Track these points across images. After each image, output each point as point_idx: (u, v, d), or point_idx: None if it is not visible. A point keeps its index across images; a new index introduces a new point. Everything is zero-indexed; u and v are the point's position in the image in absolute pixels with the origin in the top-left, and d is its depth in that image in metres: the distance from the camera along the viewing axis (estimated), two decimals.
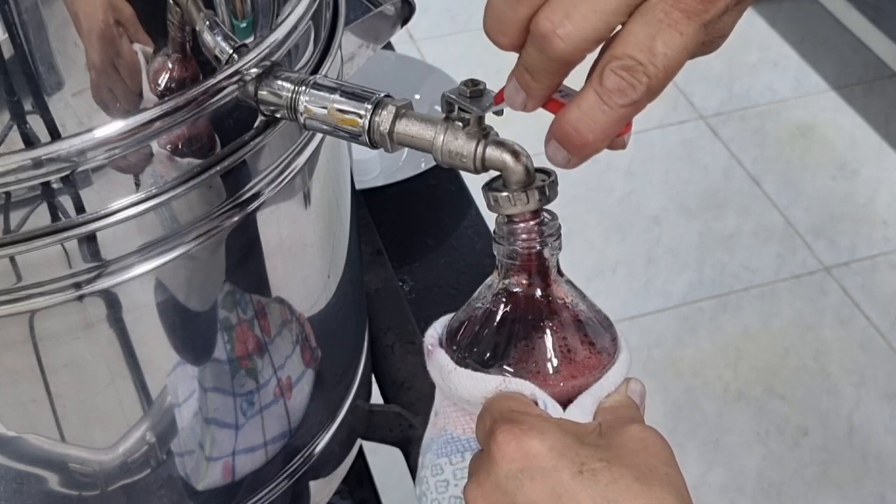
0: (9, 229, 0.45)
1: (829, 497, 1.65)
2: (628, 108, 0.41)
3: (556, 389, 0.47)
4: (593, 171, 2.14)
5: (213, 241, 0.51)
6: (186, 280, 0.52)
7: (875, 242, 2.04)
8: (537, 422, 0.44)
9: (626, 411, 0.47)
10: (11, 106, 0.44)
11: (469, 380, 0.48)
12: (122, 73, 0.46)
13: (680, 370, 1.82)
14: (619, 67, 0.40)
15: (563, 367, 0.48)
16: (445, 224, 0.98)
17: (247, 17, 0.51)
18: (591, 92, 0.41)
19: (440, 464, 0.51)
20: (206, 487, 0.60)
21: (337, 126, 0.48)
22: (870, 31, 2.44)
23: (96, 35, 0.45)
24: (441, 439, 0.51)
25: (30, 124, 0.44)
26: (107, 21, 0.45)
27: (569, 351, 0.48)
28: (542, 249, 0.47)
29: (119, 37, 0.45)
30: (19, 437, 0.52)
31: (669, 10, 0.40)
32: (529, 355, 0.48)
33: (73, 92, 0.45)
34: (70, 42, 0.45)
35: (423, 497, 0.52)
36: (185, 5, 0.47)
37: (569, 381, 0.48)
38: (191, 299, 0.53)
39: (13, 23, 0.43)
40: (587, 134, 0.42)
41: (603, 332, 0.49)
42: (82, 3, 0.44)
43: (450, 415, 0.51)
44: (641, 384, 0.49)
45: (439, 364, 0.49)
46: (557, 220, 0.47)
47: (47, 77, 0.44)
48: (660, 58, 0.40)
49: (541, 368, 0.48)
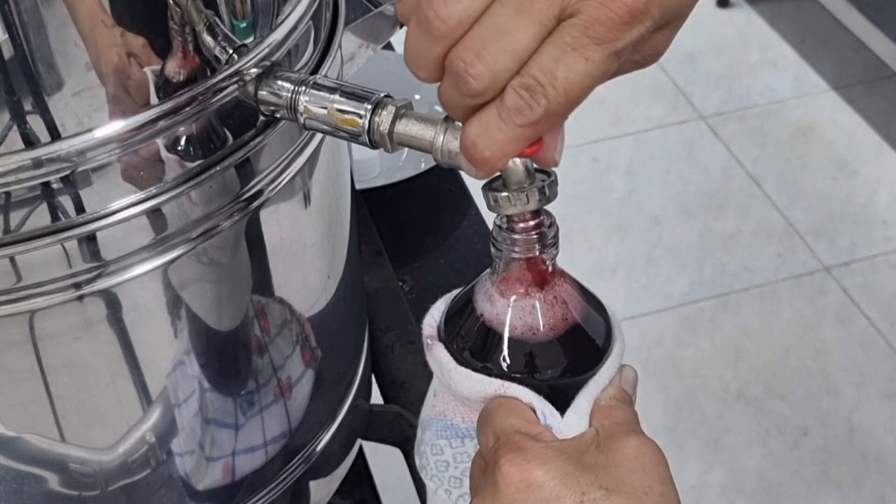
0: (9, 229, 0.45)
1: (829, 497, 1.65)
2: (526, 129, 0.41)
3: (552, 387, 0.48)
4: (593, 171, 2.14)
5: (213, 242, 0.52)
6: (186, 280, 0.52)
7: (875, 242, 2.04)
8: (541, 450, 0.45)
9: (622, 413, 0.48)
10: (11, 106, 0.44)
11: (468, 380, 0.48)
12: (123, 74, 0.46)
13: (680, 370, 1.82)
14: (521, 86, 0.40)
15: (559, 365, 0.48)
16: (445, 224, 0.98)
17: (247, 17, 0.51)
18: (492, 108, 0.41)
19: (440, 445, 0.52)
20: (206, 487, 0.60)
21: (337, 126, 0.48)
22: (870, 31, 2.44)
23: (97, 35, 0.45)
24: (440, 423, 0.52)
25: (30, 124, 0.44)
26: (107, 21, 0.45)
27: (565, 349, 0.48)
28: (541, 255, 0.47)
29: (119, 37, 0.46)
30: (19, 437, 0.52)
31: (578, 35, 0.40)
32: (526, 354, 0.48)
33: (73, 92, 0.45)
34: (70, 42, 0.45)
35: (423, 469, 0.53)
36: (185, 5, 0.47)
37: (565, 378, 0.48)
38: (191, 299, 0.53)
39: (13, 23, 0.43)
40: (484, 150, 0.42)
41: (599, 326, 0.49)
42: (82, 3, 0.44)
43: (449, 402, 0.51)
44: (634, 371, 0.50)
45: (439, 361, 0.50)
46: (556, 225, 0.47)
47: (47, 77, 0.44)
48: (560, 81, 0.40)
49: (538, 367, 0.48)
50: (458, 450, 0.51)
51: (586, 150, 2.20)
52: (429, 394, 0.53)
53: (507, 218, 0.46)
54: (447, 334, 0.50)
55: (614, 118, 2.29)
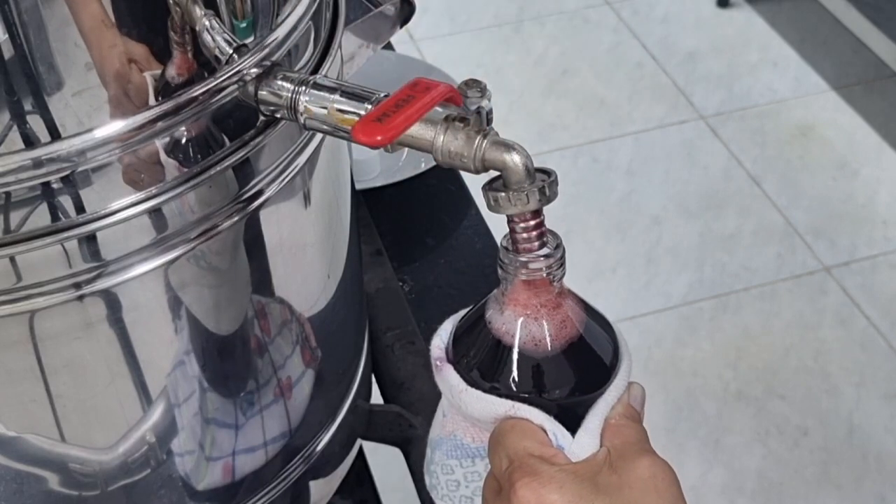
0: (9, 229, 0.45)
1: (829, 497, 1.65)
2: None
3: (562, 406, 0.48)
4: (593, 171, 2.14)
5: (213, 242, 0.51)
6: (186, 280, 0.52)
7: (875, 242, 2.04)
8: (556, 473, 0.45)
9: (632, 431, 0.48)
10: (11, 106, 0.44)
11: (479, 401, 0.49)
12: (123, 74, 0.46)
13: (680, 370, 1.82)
14: None
15: (568, 385, 0.49)
16: (445, 224, 0.98)
17: (247, 17, 0.51)
18: None
19: (450, 464, 0.52)
20: (206, 487, 0.60)
21: (337, 126, 0.48)
22: (870, 31, 2.44)
23: (97, 36, 0.45)
24: (450, 442, 0.52)
25: (30, 124, 0.44)
26: (107, 21, 0.45)
27: (574, 368, 0.49)
28: (548, 276, 0.47)
29: (120, 37, 0.46)
30: (19, 437, 0.52)
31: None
32: (536, 374, 0.48)
33: (73, 92, 0.45)
34: (70, 42, 0.45)
35: (434, 489, 0.53)
36: (185, 5, 0.47)
37: (575, 397, 0.49)
38: (191, 299, 0.53)
39: (13, 23, 0.43)
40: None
41: (606, 345, 0.50)
42: (83, 4, 0.44)
43: (459, 422, 0.52)
44: (642, 388, 0.50)
45: (449, 382, 0.50)
46: (563, 247, 0.48)
47: (47, 77, 0.44)
48: None
49: (547, 386, 0.48)
50: (469, 469, 0.52)
51: (586, 150, 2.20)
52: (437, 414, 0.53)
53: (508, 218, 0.46)
54: (456, 355, 0.50)
55: (614, 118, 2.29)
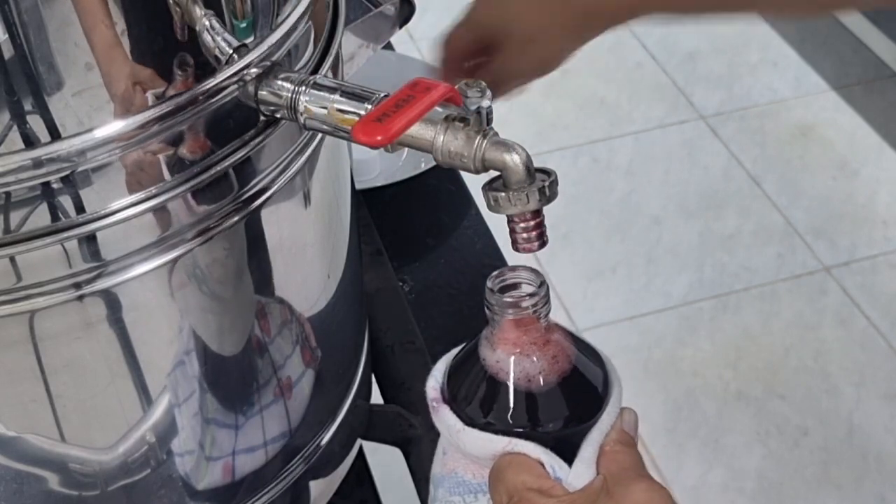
0: (9, 229, 0.45)
1: (829, 497, 1.65)
2: None
3: (557, 438, 0.49)
4: (593, 171, 2.14)
5: (213, 242, 0.51)
6: (186, 280, 0.52)
7: (875, 242, 2.04)
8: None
9: (627, 457, 0.49)
10: (11, 106, 0.44)
11: (477, 440, 0.50)
12: (123, 74, 0.46)
13: (680, 370, 1.82)
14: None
15: (562, 417, 0.50)
16: (445, 224, 0.98)
17: (247, 17, 0.51)
18: None
19: (453, 501, 0.53)
20: (206, 487, 0.60)
21: (337, 126, 0.48)
22: (870, 31, 2.44)
23: (98, 36, 0.45)
24: (452, 479, 0.53)
25: (30, 124, 0.44)
26: (107, 21, 0.45)
27: (567, 400, 0.50)
28: (534, 314, 0.48)
29: (120, 38, 0.46)
30: (19, 437, 0.52)
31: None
32: (530, 409, 0.50)
33: (73, 92, 0.45)
34: (70, 42, 0.45)
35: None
36: (185, 5, 0.47)
37: (569, 428, 0.50)
38: (191, 299, 0.53)
39: (13, 23, 0.43)
40: None
41: (597, 374, 0.51)
42: (83, 4, 0.44)
43: (458, 460, 0.53)
44: (634, 413, 0.51)
45: (446, 422, 0.51)
46: (546, 284, 0.49)
47: (47, 77, 0.44)
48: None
49: (541, 420, 0.50)
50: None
51: (586, 150, 2.19)
52: (437, 451, 0.54)
53: (508, 218, 0.47)
54: (451, 395, 0.52)
55: (614, 118, 2.29)
